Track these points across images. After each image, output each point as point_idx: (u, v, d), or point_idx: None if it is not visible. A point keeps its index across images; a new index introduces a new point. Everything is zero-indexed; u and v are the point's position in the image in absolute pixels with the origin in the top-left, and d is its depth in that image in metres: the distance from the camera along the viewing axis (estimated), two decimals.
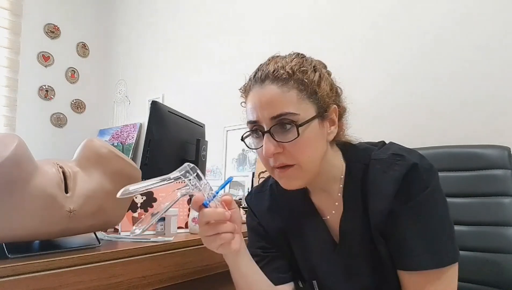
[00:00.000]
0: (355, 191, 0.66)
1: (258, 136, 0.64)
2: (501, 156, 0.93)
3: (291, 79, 0.61)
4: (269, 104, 0.61)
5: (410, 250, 0.60)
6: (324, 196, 0.70)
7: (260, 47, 2.05)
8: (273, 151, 0.60)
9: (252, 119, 0.64)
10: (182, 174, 0.58)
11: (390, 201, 0.60)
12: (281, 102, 0.60)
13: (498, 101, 1.27)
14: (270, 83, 0.62)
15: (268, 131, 0.61)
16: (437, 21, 1.42)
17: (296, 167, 0.62)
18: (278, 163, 0.62)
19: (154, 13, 2.85)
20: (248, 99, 0.66)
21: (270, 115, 0.61)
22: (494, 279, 0.88)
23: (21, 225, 0.60)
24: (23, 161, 0.58)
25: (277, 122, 0.60)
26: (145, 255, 0.76)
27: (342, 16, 1.72)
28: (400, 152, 0.63)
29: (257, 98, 0.63)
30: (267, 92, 0.61)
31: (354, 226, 0.66)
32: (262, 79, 0.63)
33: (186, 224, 0.99)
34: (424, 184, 0.59)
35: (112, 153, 0.72)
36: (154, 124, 1.18)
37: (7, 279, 0.55)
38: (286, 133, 0.60)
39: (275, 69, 0.62)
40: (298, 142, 0.60)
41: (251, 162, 2.02)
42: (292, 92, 0.61)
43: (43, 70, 2.86)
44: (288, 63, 0.63)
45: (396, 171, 0.60)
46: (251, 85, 0.65)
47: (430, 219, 0.60)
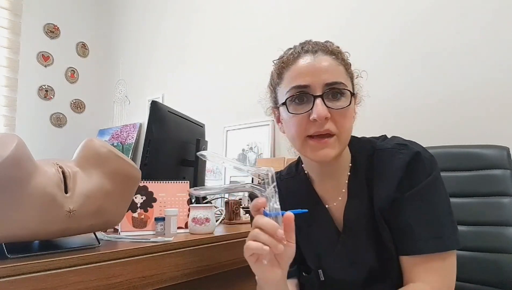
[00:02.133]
0: (360, 180, 0.68)
1: (303, 101, 0.64)
2: (500, 156, 0.93)
3: (340, 56, 0.67)
4: (326, 71, 0.63)
5: (413, 234, 0.61)
6: (331, 184, 0.72)
7: (260, 47, 2.05)
8: (325, 114, 0.61)
9: (303, 83, 0.63)
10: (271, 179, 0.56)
11: (394, 187, 0.63)
12: (335, 72, 0.64)
13: (498, 101, 1.27)
14: (323, 54, 0.65)
15: (321, 96, 0.62)
16: (436, 22, 1.42)
17: (335, 138, 0.63)
18: (323, 128, 0.62)
19: (154, 13, 2.85)
20: (294, 66, 0.66)
21: (325, 81, 0.63)
22: (494, 279, 0.88)
23: (21, 225, 0.60)
24: (22, 161, 0.58)
25: (330, 88, 0.63)
26: (144, 255, 0.76)
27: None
28: (403, 142, 0.67)
29: (311, 64, 0.64)
30: (323, 60, 0.64)
31: (358, 214, 0.67)
32: (314, 50, 0.66)
33: (186, 224, 0.99)
34: (427, 172, 0.62)
35: (112, 153, 0.72)
36: (154, 124, 1.18)
37: (6, 279, 0.55)
38: (336, 101, 0.63)
39: (326, 45, 0.67)
40: (346, 112, 0.63)
41: (251, 162, 2.02)
42: (341, 67, 0.66)
43: (43, 70, 2.86)
44: (332, 44, 0.69)
45: (400, 159, 0.63)
46: (298, 55, 0.67)
47: (433, 205, 0.62)
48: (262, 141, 1.99)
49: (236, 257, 0.97)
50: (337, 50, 0.68)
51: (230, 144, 2.16)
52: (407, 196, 0.62)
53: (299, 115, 0.64)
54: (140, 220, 0.95)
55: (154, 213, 0.97)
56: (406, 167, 0.62)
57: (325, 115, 0.61)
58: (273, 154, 1.93)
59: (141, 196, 0.97)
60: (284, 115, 0.68)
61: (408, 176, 0.62)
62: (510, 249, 0.88)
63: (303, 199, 0.74)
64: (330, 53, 0.66)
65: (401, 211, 0.62)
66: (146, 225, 0.95)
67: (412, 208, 0.62)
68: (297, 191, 0.75)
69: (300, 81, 0.64)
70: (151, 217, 0.96)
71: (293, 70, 0.66)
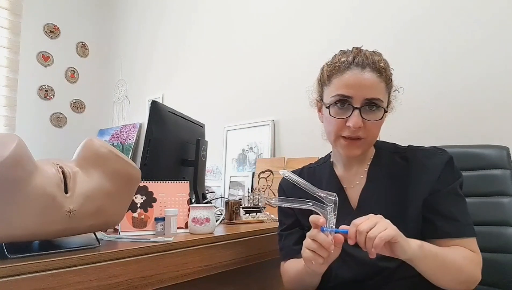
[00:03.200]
0: (380, 170, 0.82)
1: (343, 108, 0.76)
2: (500, 156, 0.94)
3: (385, 73, 0.77)
4: (368, 87, 0.75)
5: (455, 221, 0.74)
6: (352, 170, 0.85)
7: (260, 47, 2.05)
8: (360, 125, 0.74)
9: (347, 94, 0.75)
10: (329, 201, 0.68)
11: (435, 179, 0.76)
12: (376, 89, 0.75)
13: (498, 101, 1.27)
14: (370, 70, 0.75)
15: (359, 108, 0.75)
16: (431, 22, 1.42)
17: (363, 141, 0.77)
18: (355, 134, 0.76)
19: (154, 13, 2.85)
20: (342, 76, 0.77)
21: (366, 96, 0.75)
22: (494, 279, 0.88)
23: (21, 225, 0.60)
24: (22, 161, 0.58)
25: (368, 103, 0.75)
26: (144, 255, 0.76)
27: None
28: (439, 147, 0.81)
29: (358, 79, 0.75)
30: (368, 77, 0.75)
31: (373, 194, 0.81)
32: (363, 66, 0.76)
33: (186, 224, 0.99)
34: (458, 173, 0.78)
35: (112, 153, 0.72)
36: (154, 124, 1.18)
37: (6, 279, 0.55)
38: (372, 114, 0.76)
39: (375, 61, 0.76)
40: (377, 123, 0.77)
41: (251, 162, 2.02)
42: (382, 84, 0.77)
43: (43, 70, 2.86)
44: (381, 59, 0.79)
45: (440, 159, 0.77)
46: (348, 66, 0.77)
47: (463, 200, 0.77)
48: (262, 141, 1.99)
49: (236, 257, 0.97)
50: (384, 67, 0.77)
51: (230, 144, 2.16)
52: (449, 189, 0.75)
53: (338, 119, 0.77)
54: (140, 220, 0.95)
55: (154, 213, 0.97)
56: (445, 165, 0.76)
57: (359, 125, 0.74)
58: (273, 154, 1.93)
59: (141, 196, 0.97)
60: (325, 113, 0.80)
61: (447, 173, 0.76)
62: (510, 249, 0.88)
63: (325, 180, 0.87)
64: (377, 70, 0.76)
65: (445, 200, 0.75)
66: (146, 225, 0.95)
67: (452, 199, 0.76)
68: (322, 174, 0.90)
69: (345, 92, 0.75)
70: (151, 217, 0.96)
71: (342, 79, 0.77)
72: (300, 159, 1.70)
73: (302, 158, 1.68)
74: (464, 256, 0.71)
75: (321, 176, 0.90)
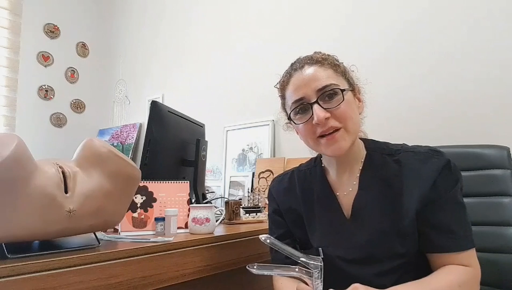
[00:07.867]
0: (373, 174, 0.77)
1: (304, 111, 0.74)
2: (500, 156, 0.93)
3: (326, 62, 0.75)
4: (313, 79, 0.73)
5: (451, 233, 0.69)
6: (343, 176, 0.80)
7: (260, 47, 2.05)
8: (324, 115, 0.70)
9: (298, 97, 0.74)
10: (314, 267, 0.67)
11: (429, 186, 0.70)
12: (323, 77, 0.73)
13: (498, 101, 1.27)
14: (310, 65, 0.75)
15: (316, 101, 0.72)
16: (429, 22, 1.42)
17: (343, 130, 0.72)
18: (327, 127, 0.71)
19: (154, 13, 2.85)
20: (289, 86, 0.77)
21: (316, 88, 0.72)
22: (494, 279, 0.88)
23: (21, 225, 0.60)
24: (22, 161, 0.58)
25: (322, 92, 0.72)
26: (144, 255, 0.76)
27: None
28: (435, 149, 0.75)
29: (300, 78, 0.75)
30: (309, 71, 0.74)
31: (367, 202, 0.76)
32: (301, 66, 0.76)
33: (186, 224, 0.99)
34: (457, 177, 0.72)
35: (112, 153, 0.72)
36: (154, 124, 1.18)
37: (6, 279, 0.55)
38: (331, 101, 0.72)
39: (311, 57, 0.76)
40: (343, 106, 0.71)
41: (251, 162, 2.02)
42: (329, 70, 0.74)
43: (43, 70, 2.86)
44: (319, 53, 0.78)
45: (435, 163, 0.71)
46: (290, 75, 0.77)
47: (463, 207, 0.71)
48: (262, 141, 1.99)
49: (236, 257, 0.97)
50: (322, 57, 0.76)
51: (230, 144, 2.16)
52: (447, 197, 0.70)
53: (304, 123, 0.74)
54: (140, 220, 0.95)
55: (154, 213, 0.97)
56: (441, 171, 0.70)
57: (324, 116, 0.70)
58: (273, 154, 1.93)
59: (141, 196, 0.97)
60: (295, 126, 0.80)
61: (442, 179, 0.70)
62: (510, 249, 0.88)
63: (317, 187, 0.83)
64: (315, 62, 0.75)
65: (440, 211, 0.70)
66: (146, 225, 0.95)
67: (449, 208, 0.70)
68: (313, 180, 0.85)
69: (296, 96, 0.75)
70: (151, 217, 0.96)
71: (289, 88, 0.77)
72: (300, 159, 1.68)
73: (302, 158, 1.67)
74: (460, 284, 0.66)
75: (312, 181, 0.85)
